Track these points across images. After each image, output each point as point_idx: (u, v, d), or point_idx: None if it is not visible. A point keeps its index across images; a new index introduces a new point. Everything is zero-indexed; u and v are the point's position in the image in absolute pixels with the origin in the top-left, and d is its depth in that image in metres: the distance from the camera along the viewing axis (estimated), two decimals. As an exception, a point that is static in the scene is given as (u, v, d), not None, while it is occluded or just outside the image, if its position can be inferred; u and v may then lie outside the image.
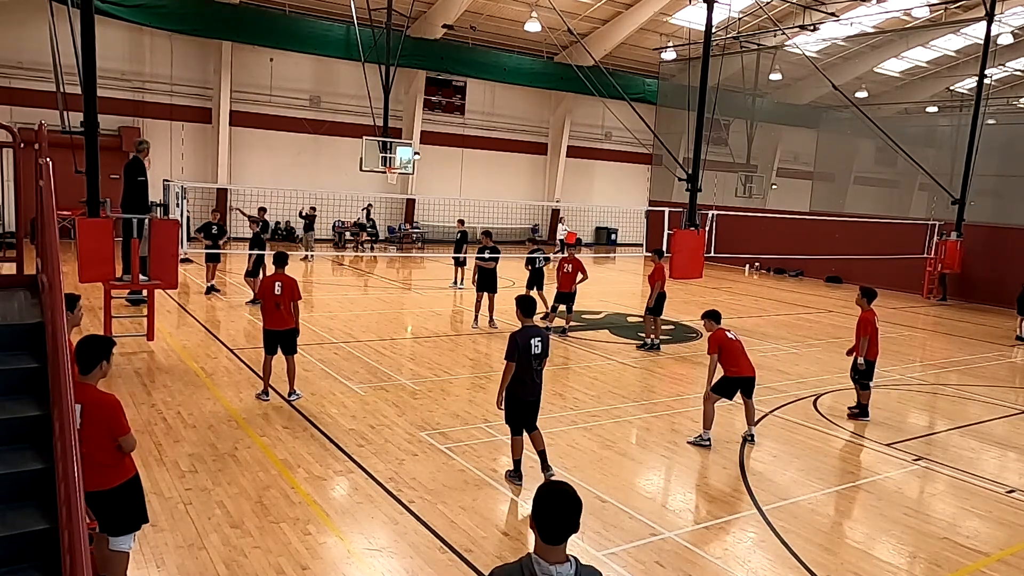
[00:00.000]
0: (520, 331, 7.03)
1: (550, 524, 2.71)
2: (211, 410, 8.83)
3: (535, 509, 2.76)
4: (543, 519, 2.72)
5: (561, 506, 2.74)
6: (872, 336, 9.95)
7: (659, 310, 13.65)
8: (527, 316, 7.15)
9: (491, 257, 14.48)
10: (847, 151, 33.12)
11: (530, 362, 6.99)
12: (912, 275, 24.17)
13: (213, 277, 16.98)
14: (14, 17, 22.93)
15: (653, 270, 13.83)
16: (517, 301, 7.27)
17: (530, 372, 7.02)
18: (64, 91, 11.03)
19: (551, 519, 2.72)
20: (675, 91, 31.54)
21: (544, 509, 2.73)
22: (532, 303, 7.26)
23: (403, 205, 31.66)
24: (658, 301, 13.57)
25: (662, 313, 13.81)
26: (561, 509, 2.73)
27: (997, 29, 23.94)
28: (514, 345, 6.93)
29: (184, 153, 27.27)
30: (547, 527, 2.71)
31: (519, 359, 6.93)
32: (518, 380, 7.01)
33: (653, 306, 13.58)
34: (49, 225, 4.90)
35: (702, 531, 6.56)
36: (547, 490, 2.80)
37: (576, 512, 2.74)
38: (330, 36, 27.44)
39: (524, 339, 6.96)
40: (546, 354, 7.14)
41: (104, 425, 4.50)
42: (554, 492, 2.78)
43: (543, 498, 2.76)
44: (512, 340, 6.96)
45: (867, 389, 10.15)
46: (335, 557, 5.72)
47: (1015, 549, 6.56)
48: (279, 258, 9.45)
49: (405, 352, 12.66)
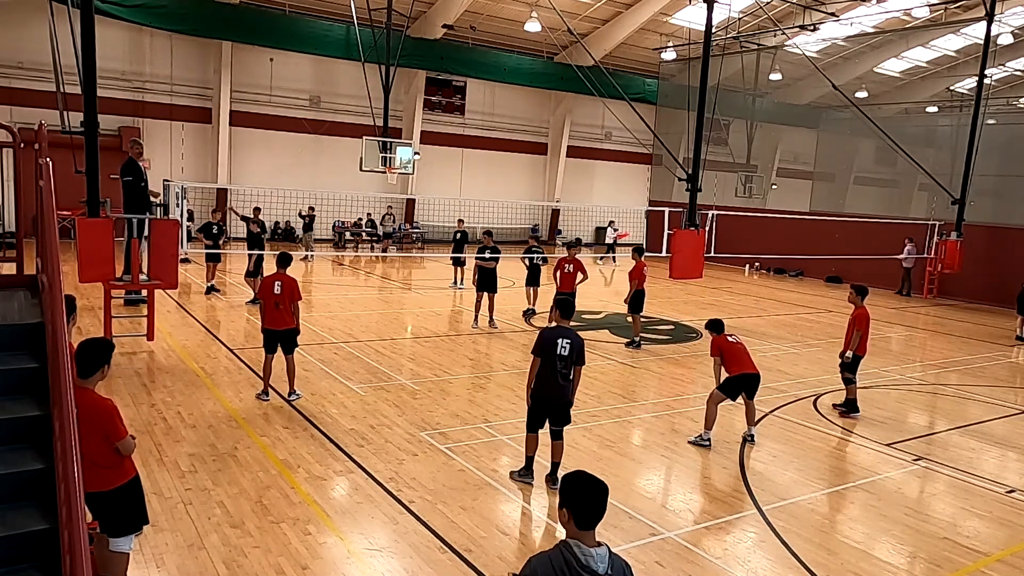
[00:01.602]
0: (550, 329, 7.13)
1: (584, 510, 2.85)
2: (211, 410, 8.83)
3: (568, 496, 2.89)
4: (578, 505, 2.86)
5: (594, 492, 2.89)
6: (864, 332, 10.08)
7: (638, 308, 13.85)
8: (564, 318, 7.21)
9: (491, 257, 14.47)
10: (847, 151, 33.10)
11: (555, 362, 6.99)
12: (912, 275, 24.22)
13: (213, 277, 16.98)
14: (14, 17, 22.93)
15: (632, 268, 13.94)
16: (556, 303, 7.33)
17: (555, 372, 7.01)
18: (64, 91, 11.01)
19: (585, 505, 2.86)
20: (675, 91, 31.53)
21: (578, 496, 2.88)
22: (571, 306, 7.35)
23: (403, 205, 31.66)
24: (637, 299, 13.72)
25: (642, 311, 14.02)
26: (594, 495, 2.88)
27: (997, 29, 23.92)
28: (540, 341, 7.02)
29: (184, 153, 27.27)
30: (582, 513, 2.85)
31: (544, 356, 6.98)
32: (541, 377, 7.05)
33: (631, 304, 13.80)
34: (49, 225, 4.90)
35: (702, 531, 6.56)
36: (579, 478, 2.95)
37: (606, 497, 2.90)
38: (330, 36, 27.44)
39: (551, 337, 7.00)
40: (578, 360, 7.09)
41: (100, 430, 4.50)
42: (586, 480, 2.93)
43: (577, 485, 2.91)
44: (539, 336, 7.07)
45: (852, 383, 10.22)
46: (335, 557, 5.72)
47: (1015, 549, 6.56)
48: (281, 258, 9.45)
49: (405, 352, 12.66)
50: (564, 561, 2.77)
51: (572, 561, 2.77)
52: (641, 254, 14.30)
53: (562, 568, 2.76)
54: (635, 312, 13.92)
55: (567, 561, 2.77)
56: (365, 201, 29.60)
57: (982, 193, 24.34)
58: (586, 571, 2.76)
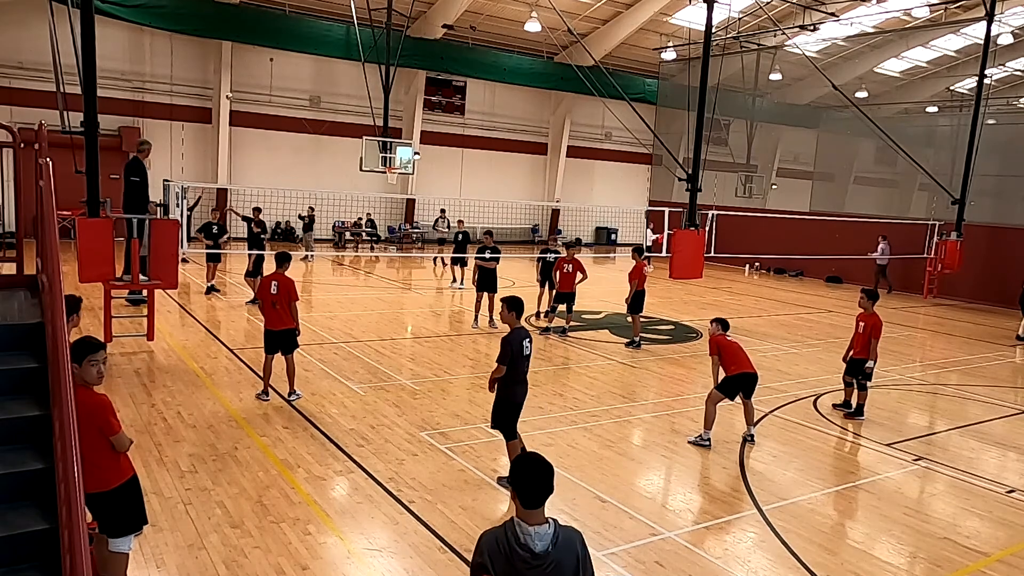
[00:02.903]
0: (512, 334, 6.91)
1: (528, 489, 3.00)
2: (211, 410, 8.83)
3: (514, 477, 3.06)
4: (522, 485, 3.02)
5: (537, 472, 3.03)
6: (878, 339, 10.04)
7: (638, 308, 13.87)
8: (518, 317, 6.97)
9: (492, 257, 14.48)
10: (847, 151, 33.10)
11: (523, 364, 6.96)
12: (912, 275, 24.20)
13: (213, 277, 16.98)
14: (14, 17, 22.92)
15: (632, 268, 13.95)
16: (508, 302, 6.97)
17: (524, 374, 7.02)
18: (64, 91, 11.00)
19: (528, 485, 3.01)
20: (675, 91, 31.51)
21: (522, 476, 3.03)
22: (521, 303, 7.06)
23: (403, 205, 31.66)
24: (637, 299, 13.75)
25: (641, 311, 14.05)
26: (537, 475, 3.03)
27: (997, 29, 23.91)
28: (509, 348, 6.84)
29: (184, 153, 27.26)
30: (525, 492, 3.00)
31: (513, 361, 6.87)
32: (514, 382, 6.98)
33: (632, 304, 13.82)
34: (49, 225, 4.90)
35: (702, 531, 6.56)
36: (523, 459, 3.11)
37: (550, 476, 3.03)
38: (330, 36, 27.43)
39: (518, 340, 6.88)
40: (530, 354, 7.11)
41: (94, 426, 4.50)
42: (530, 460, 3.08)
43: (520, 466, 3.07)
44: (507, 344, 6.85)
45: (864, 390, 10.19)
46: (335, 557, 5.72)
47: (1015, 549, 6.56)
48: (280, 258, 9.46)
49: (405, 352, 12.66)
50: (506, 538, 2.98)
51: (512, 539, 2.97)
52: (641, 254, 14.32)
53: (504, 544, 2.97)
54: (635, 312, 13.95)
55: (507, 538, 2.98)
56: (365, 201, 29.59)
57: (982, 193, 24.34)
58: (524, 549, 2.95)
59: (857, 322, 10.26)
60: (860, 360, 10.08)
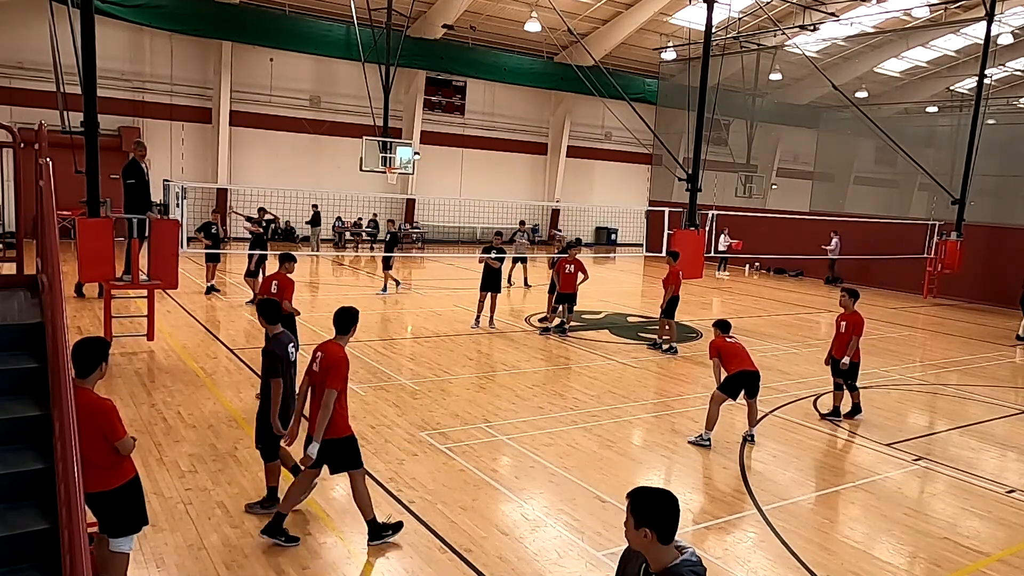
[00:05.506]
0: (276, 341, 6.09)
1: (673, 524, 2.85)
2: (211, 410, 8.83)
3: (659, 513, 2.84)
4: (668, 521, 2.84)
5: (677, 508, 2.88)
6: (860, 337, 9.97)
7: (671, 313, 13.70)
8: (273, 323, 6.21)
9: (497, 257, 14.47)
10: (847, 151, 33.11)
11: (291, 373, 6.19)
12: (912, 275, 24.19)
13: (213, 277, 16.98)
14: (14, 17, 22.93)
15: (668, 273, 13.85)
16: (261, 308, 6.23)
17: (293, 385, 6.23)
18: (64, 91, 11.02)
19: (675, 520, 2.86)
20: (675, 91, 31.51)
21: (669, 512, 2.85)
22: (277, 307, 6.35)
23: (403, 205, 31.67)
24: (671, 304, 13.62)
25: (674, 316, 13.84)
26: (677, 510, 2.87)
27: (997, 29, 23.91)
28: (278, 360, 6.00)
29: (184, 153, 27.27)
30: (671, 527, 2.84)
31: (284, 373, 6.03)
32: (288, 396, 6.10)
33: (666, 309, 13.64)
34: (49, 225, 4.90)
35: (702, 531, 6.56)
36: (667, 497, 2.89)
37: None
38: (330, 36, 27.44)
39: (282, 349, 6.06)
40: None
41: (99, 430, 4.49)
42: (671, 497, 2.89)
43: (667, 503, 2.87)
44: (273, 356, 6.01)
45: (855, 389, 10.14)
46: (335, 557, 5.73)
47: (1015, 549, 6.56)
48: (283, 257, 9.48)
49: (405, 352, 12.66)
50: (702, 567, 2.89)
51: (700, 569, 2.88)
52: (676, 260, 14.15)
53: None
54: (668, 317, 13.70)
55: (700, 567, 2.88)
56: (365, 201, 29.59)
57: (982, 193, 24.34)
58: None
59: (838, 322, 10.09)
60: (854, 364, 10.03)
